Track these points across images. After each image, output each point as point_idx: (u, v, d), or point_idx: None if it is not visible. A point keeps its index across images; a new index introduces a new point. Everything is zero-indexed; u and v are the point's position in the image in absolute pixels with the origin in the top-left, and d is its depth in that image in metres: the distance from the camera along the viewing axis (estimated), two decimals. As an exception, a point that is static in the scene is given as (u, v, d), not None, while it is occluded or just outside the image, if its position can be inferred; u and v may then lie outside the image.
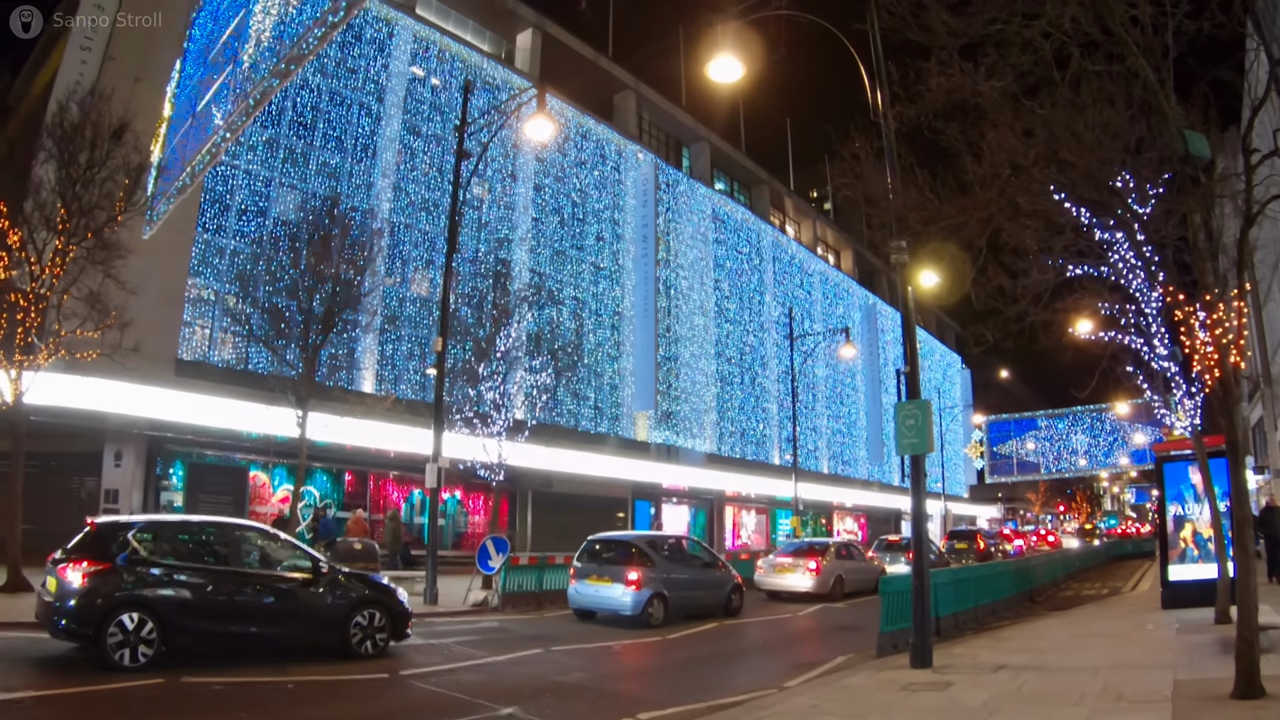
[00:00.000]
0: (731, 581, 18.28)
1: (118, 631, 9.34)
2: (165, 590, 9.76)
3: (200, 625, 9.93)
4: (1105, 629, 14.58)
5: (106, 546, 9.76)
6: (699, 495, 41.59)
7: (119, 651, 9.33)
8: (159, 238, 22.20)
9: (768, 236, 49.09)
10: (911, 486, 12.48)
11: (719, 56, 12.69)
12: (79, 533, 10.15)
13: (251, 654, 10.33)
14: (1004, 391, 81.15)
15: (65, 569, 9.54)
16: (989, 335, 13.40)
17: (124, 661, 9.33)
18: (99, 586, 9.45)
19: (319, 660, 10.65)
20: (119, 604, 9.43)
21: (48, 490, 21.72)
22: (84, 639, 9.46)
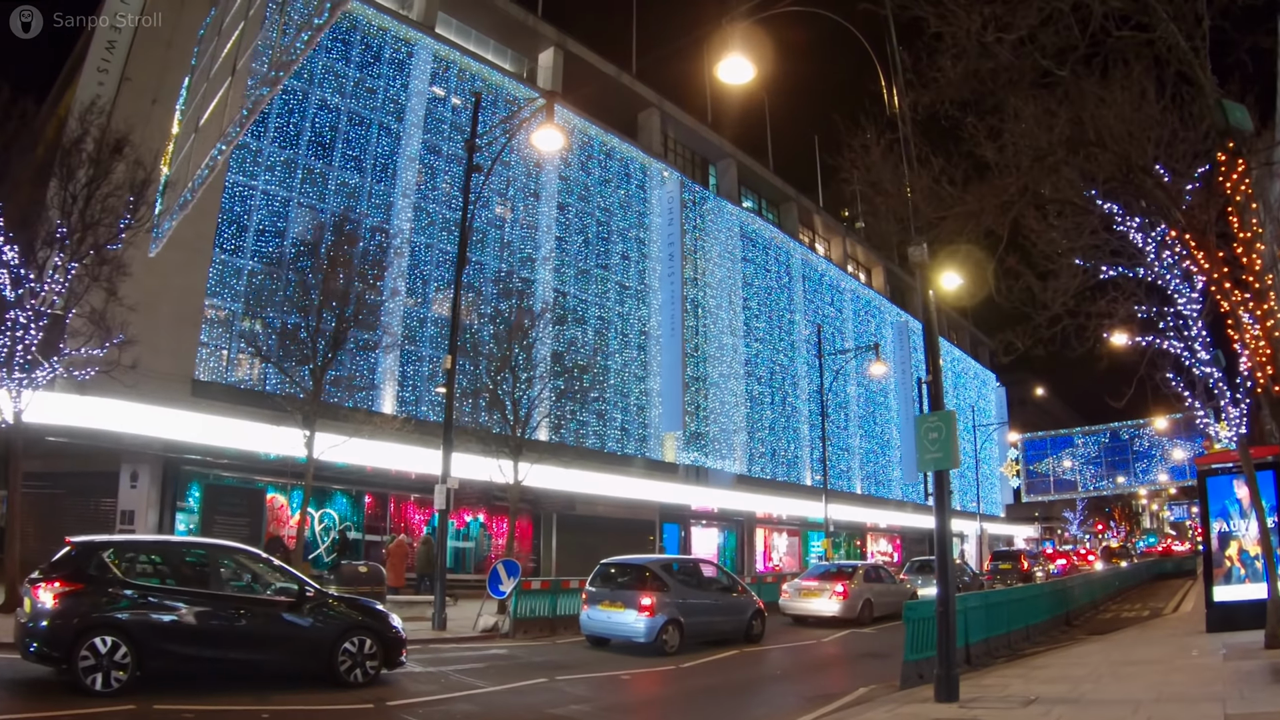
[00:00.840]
0: (752, 606, 17.52)
1: (90, 655, 8.92)
2: (140, 613, 9.32)
3: (177, 649, 9.46)
4: (1146, 655, 13.66)
5: (81, 566, 9.36)
6: (729, 517, 40.76)
7: (91, 676, 8.90)
8: (174, 258, 22.04)
9: (797, 254, 48.40)
10: (935, 505, 11.70)
11: (729, 57, 12.17)
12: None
13: (232, 680, 9.83)
14: (1039, 409, 79.39)
15: (38, 589, 9.13)
16: (1018, 343, 12.72)
17: (96, 686, 8.90)
18: (71, 608, 9.05)
19: (304, 688, 10.12)
20: (91, 626, 9.01)
21: (64, 511, 21.59)
22: (54, 662, 9.03)
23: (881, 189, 10.63)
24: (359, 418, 19.28)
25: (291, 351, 18.76)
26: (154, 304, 21.21)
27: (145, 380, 20.98)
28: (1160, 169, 8.94)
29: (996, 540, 67.35)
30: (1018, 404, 76.96)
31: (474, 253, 30.84)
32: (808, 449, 45.31)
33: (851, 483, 49.27)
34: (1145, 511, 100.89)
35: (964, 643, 13.13)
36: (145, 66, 22.12)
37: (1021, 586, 18.88)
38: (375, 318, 27.21)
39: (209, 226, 23.43)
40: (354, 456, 23.99)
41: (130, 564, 9.65)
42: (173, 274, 21.89)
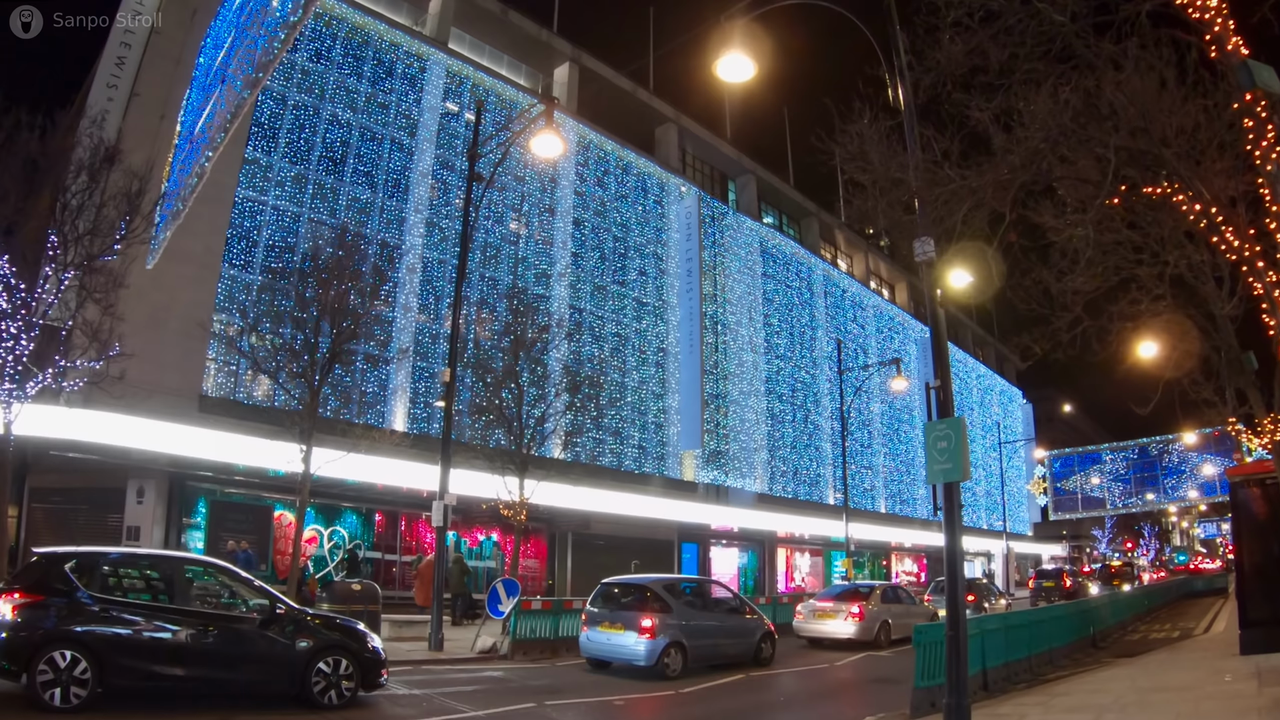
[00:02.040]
0: (761, 628, 16.91)
1: (48, 669, 8.63)
2: (102, 627, 9.00)
3: (141, 666, 9.10)
4: (1175, 681, 12.90)
5: (42, 579, 9.09)
6: (749, 536, 40.02)
7: (49, 690, 8.61)
8: (183, 272, 21.99)
9: (818, 270, 47.79)
10: (945, 520, 11.08)
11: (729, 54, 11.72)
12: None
13: (199, 700, 9.46)
14: (1067, 425, 77.84)
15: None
16: (1036, 347, 12.13)
17: (55, 701, 8.60)
18: (29, 620, 8.79)
19: (275, 709, 9.73)
20: (50, 640, 8.74)
21: (73, 526, 21.41)
22: (12, 676, 8.70)
23: (874, 172, 10.10)
24: (357, 432, 18.93)
25: (285, 366, 18.44)
26: (162, 319, 21.13)
27: (152, 396, 20.85)
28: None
29: (1024, 559, 65.96)
30: (1045, 421, 75.60)
31: (487, 269, 30.62)
32: (830, 467, 44.49)
33: (875, 502, 48.38)
34: (1175, 529, 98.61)
35: (980, 668, 12.49)
36: (154, 82, 22.12)
37: (1045, 608, 18.13)
38: (385, 333, 27.17)
39: (218, 242, 23.33)
40: (364, 474, 23.75)
41: (93, 577, 9.31)
42: (181, 289, 21.79)
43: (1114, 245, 10.92)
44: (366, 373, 26.69)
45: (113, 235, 14.67)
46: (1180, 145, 8.22)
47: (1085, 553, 75.72)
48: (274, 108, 25.24)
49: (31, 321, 13.92)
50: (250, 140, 24.38)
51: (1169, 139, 8.11)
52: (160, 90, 21.95)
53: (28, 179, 13.60)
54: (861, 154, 10.12)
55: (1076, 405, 75.56)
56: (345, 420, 20.45)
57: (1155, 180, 8.60)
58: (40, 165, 13.70)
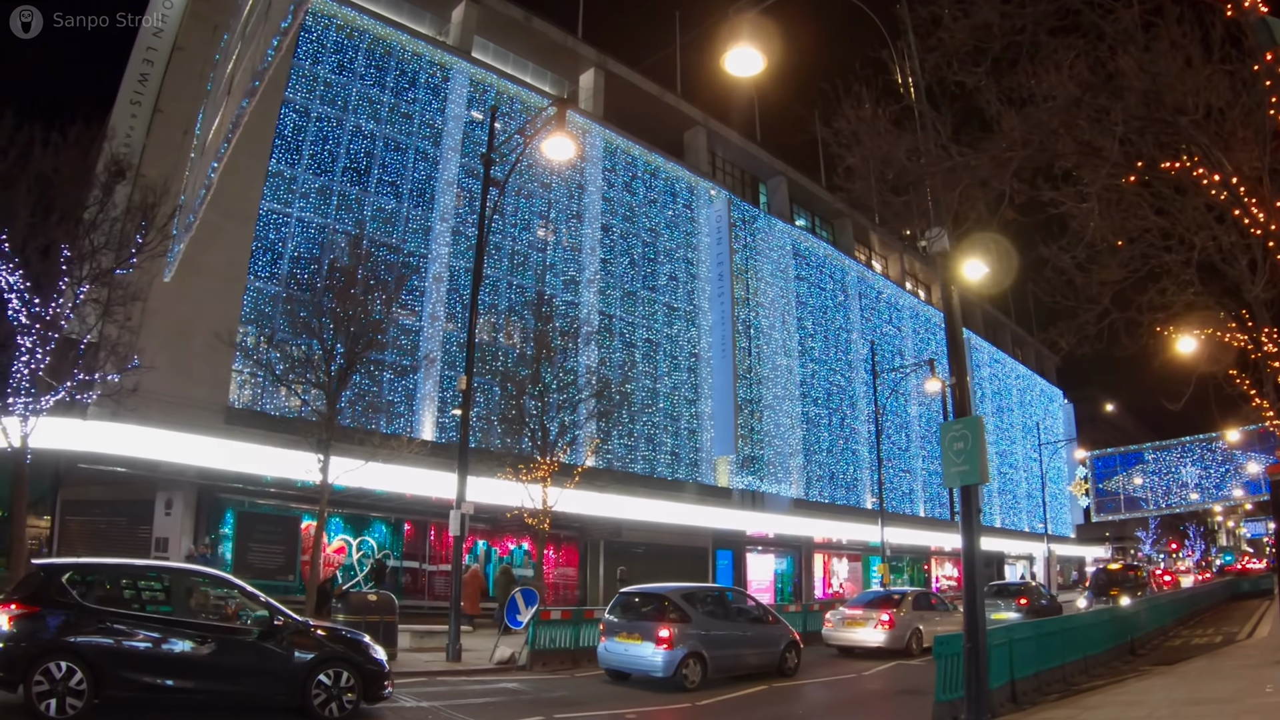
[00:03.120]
0: (786, 638, 16.50)
1: (44, 680, 8.62)
2: (98, 638, 8.96)
3: (137, 677, 9.04)
4: (1215, 692, 12.30)
5: (40, 589, 9.09)
6: (786, 543, 39.50)
7: (45, 701, 8.59)
8: (209, 285, 22.17)
9: (853, 272, 47.19)
10: (962, 524, 10.71)
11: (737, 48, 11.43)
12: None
13: (197, 712, 9.35)
14: (1110, 425, 76.05)
15: None
16: (1062, 342, 11.69)
17: (50, 712, 8.59)
18: (25, 631, 8.80)
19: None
20: (46, 650, 8.72)
21: (104, 538, 21.62)
22: (9, 686, 8.69)
23: (864, 150, 9.76)
24: (375, 441, 18.85)
25: (303, 375, 18.44)
26: (188, 332, 21.28)
27: (179, 408, 21.03)
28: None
29: (1067, 562, 64.53)
30: (1087, 421, 73.98)
31: (515, 276, 30.56)
32: (868, 471, 43.77)
33: (914, 505, 47.55)
34: (1221, 528, 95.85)
35: (1008, 678, 12.00)
36: (177, 98, 22.35)
37: (1079, 614, 17.52)
38: (412, 342, 27.20)
39: (243, 255, 23.50)
40: (392, 484, 23.76)
41: (91, 588, 9.29)
42: (206, 302, 21.95)
43: (1141, 233, 10.47)
44: (394, 382, 26.73)
45: (127, 249, 14.72)
46: (1198, 113, 7.78)
47: (1129, 554, 73.80)
48: (297, 120, 25.40)
49: (47, 335, 13.99)
50: (274, 153, 24.54)
51: (1185, 107, 7.70)
52: (184, 106, 22.14)
53: (41, 194, 13.68)
54: (854, 137, 9.79)
55: (1119, 404, 73.95)
56: (364, 429, 20.39)
57: (1174, 155, 8.19)
58: (52, 181, 13.77)
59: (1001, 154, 8.13)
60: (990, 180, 8.54)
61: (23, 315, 13.71)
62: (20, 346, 13.79)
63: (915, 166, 9.22)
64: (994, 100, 8.35)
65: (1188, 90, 8.25)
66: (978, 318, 61.26)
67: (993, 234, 10.81)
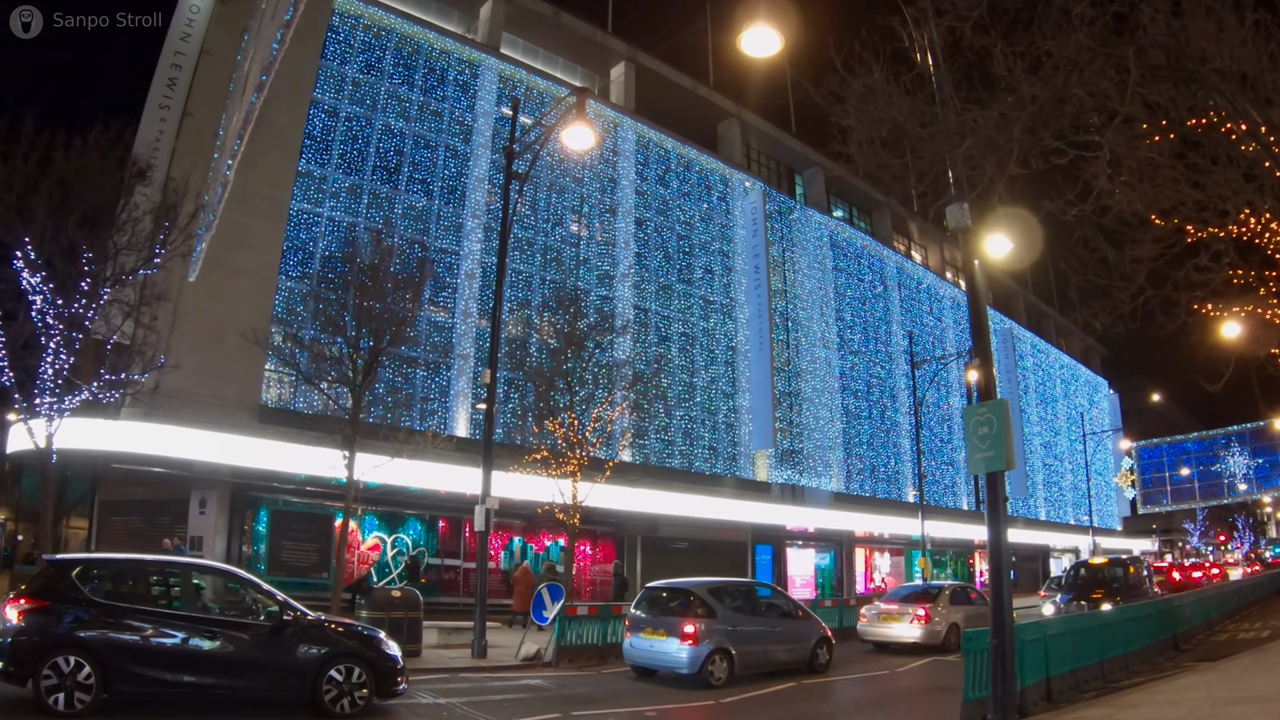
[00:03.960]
0: (816, 633, 16.16)
1: (52, 674, 8.65)
2: (107, 633, 8.98)
3: (146, 672, 9.04)
4: (1259, 690, 11.74)
5: (49, 585, 9.15)
6: (826, 537, 38.99)
7: (53, 695, 8.63)
8: (240, 285, 22.37)
9: (891, 262, 46.46)
10: (988, 514, 10.36)
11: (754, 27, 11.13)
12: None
13: (206, 708, 9.32)
14: (1156, 415, 74.10)
15: (5, 607, 8.99)
16: (1096, 322, 11.26)
17: (59, 706, 8.62)
18: (34, 626, 8.85)
19: (283, 718, 9.51)
20: (54, 645, 8.75)
21: (141, 538, 21.88)
22: (18, 680, 8.72)
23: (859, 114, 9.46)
24: (400, 437, 18.82)
25: (327, 372, 18.47)
26: (220, 332, 21.46)
27: (212, 408, 21.24)
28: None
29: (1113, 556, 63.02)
30: (1133, 411, 72.25)
31: (547, 271, 30.47)
32: (909, 464, 43.05)
33: (957, 499, 46.69)
34: (1271, 520, 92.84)
35: (1043, 675, 11.56)
36: (205, 102, 22.52)
37: (1119, 609, 16.90)
38: (445, 339, 27.23)
39: (274, 255, 23.65)
40: (426, 480, 23.81)
41: (99, 583, 9.33)
42: (238, 302, 22.11)
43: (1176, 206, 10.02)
44: (428, 379, 26.80)
45: (149, 250, 14.82)
46: (1223, 61, 7.36)
47: (1177, 547, 71.92)
48: (326, 121, 25.53)
49: (72, 336, 14.12)
50: (303, 154, 24.68)
51: (1207, 55, 7.29)
52: (213, 109, 22.32)
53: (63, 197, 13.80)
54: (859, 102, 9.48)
55: (1165, 394, 72.09)
56: (390, 426, 20.40)
57: (1200, 111, 7.79)
58: (74, 184, 13.88)
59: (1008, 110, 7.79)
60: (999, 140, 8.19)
61: (48, 316, 13.85)
62: (45, 347, 13.92)
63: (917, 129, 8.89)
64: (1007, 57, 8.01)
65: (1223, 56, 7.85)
66: (1020, 308, 60.07)
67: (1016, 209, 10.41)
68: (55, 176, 13.66)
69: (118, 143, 14.50)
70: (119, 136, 14.53)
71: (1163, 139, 8.55)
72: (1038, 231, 11.57)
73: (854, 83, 9.46)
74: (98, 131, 14.08)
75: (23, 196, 13.27)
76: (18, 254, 13.37)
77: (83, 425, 17.50)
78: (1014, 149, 8.35)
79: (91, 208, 14.11)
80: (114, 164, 14.52)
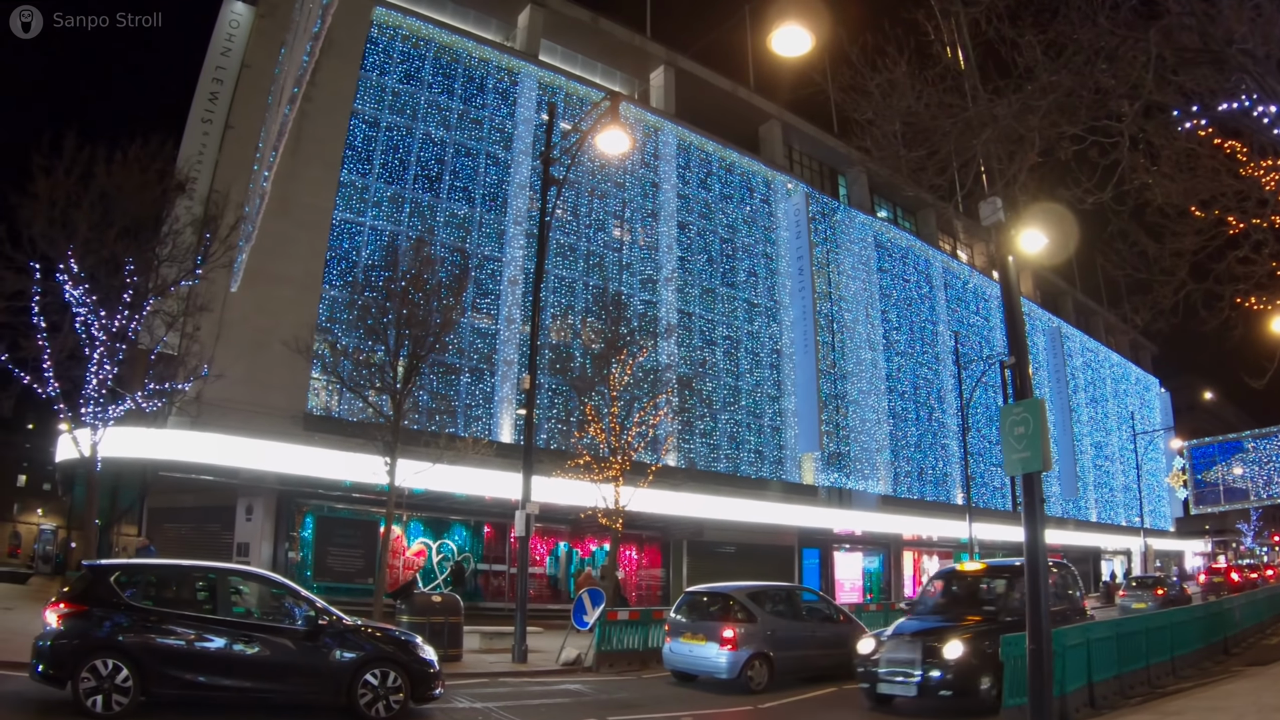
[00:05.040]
0: (859, 638, 15.84)
1: (90, 677, 8.79)
2: (144, 637, 9.11)
3: (182, 675, 9.16)
4: (1314, 696, 11.32)
5: (88, 589, 9.32)
6: (874, 540, 38.52)
7: (91, 698, 8.76)
8: (285, 295, 22.69)
9: (937, 262, 45.80)
10: (1024, 515, 10.07)
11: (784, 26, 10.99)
12: None
13: (242, 711, 9.37)
14: (1208, 413, 71.94)
15: (46, 611, 9.20)
16: (1137, 317, 10.97)
17: (96, 708, 8.76)
18: (73, 629, 9.02)
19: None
20: (92, 648, 8.90)
21: (189, 545, 22.33)
22: (57, 683, 8.89)
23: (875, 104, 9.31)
24: (441, 443, 18.92)
25: (368, 378, 18.63)
26: (265, 342, 21.73)
27: (258, 416, 21.57)
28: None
29: (1166, 557, 61.35)
30: (1185, 409, 70.37)
31: (590, 276, 30.50)
32: (957, 466, 42.35)
33: (1006, 500, 45.73)
34: None
35: (1086, 681, 11.25)
36: (247, 115, 22.93)
37: (1164, 612, 16.38)
38: (489, 345, 27.37)
39: (317, 265, 23.98)
40: (471, 486, 23.96)
41: (138, 587, 9.50)
42: (283, 311, 22.39)
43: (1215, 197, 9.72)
44: (471, 385, 26.94)
45: (190, 261, 15.09)
46: (1254, 41, 7.09)
47: (1230, 548, 69.70)
48: (367, 131, 25.84)
49: (115, 347, 14.41)
50: (345, 164, 25.01)
51: (1234, 34, 7.03)
52: (254, 122, 22.69)
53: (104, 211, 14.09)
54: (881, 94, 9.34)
55: (1217, 391, 69.98)
56: (431, 432, 20.55)
57: (1232, 95, 7.53)
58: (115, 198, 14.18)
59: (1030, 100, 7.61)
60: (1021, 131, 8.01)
61: (93, 328, 14.16)
62: (90, 359, 14.22)
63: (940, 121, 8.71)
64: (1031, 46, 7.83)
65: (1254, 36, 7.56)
66: (1069, 307, 58.90)
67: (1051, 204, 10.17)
68: (97, 191, 13.97)
69: (158, 156, 14.79)
70: (159, 150, 14.82)
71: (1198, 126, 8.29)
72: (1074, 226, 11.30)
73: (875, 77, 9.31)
74: (138, 146, 14.37)
75: (65, 211, 13.58)
76: (61, 267, 13.68)
77: (130, 434, 17.83)
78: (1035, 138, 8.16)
79: (133, 221, 14.39)
80: (154, 177, 14.79)
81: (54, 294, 13.97)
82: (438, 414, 22.88)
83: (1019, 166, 9.52)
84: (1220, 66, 7.56)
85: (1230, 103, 7.76)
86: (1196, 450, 56.95)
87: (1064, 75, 7.59)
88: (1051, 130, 8.82)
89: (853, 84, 9.65)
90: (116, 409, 14.61)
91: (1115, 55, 7.54)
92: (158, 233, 14.98)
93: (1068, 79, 7.60)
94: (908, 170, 10.42)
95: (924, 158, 9.45)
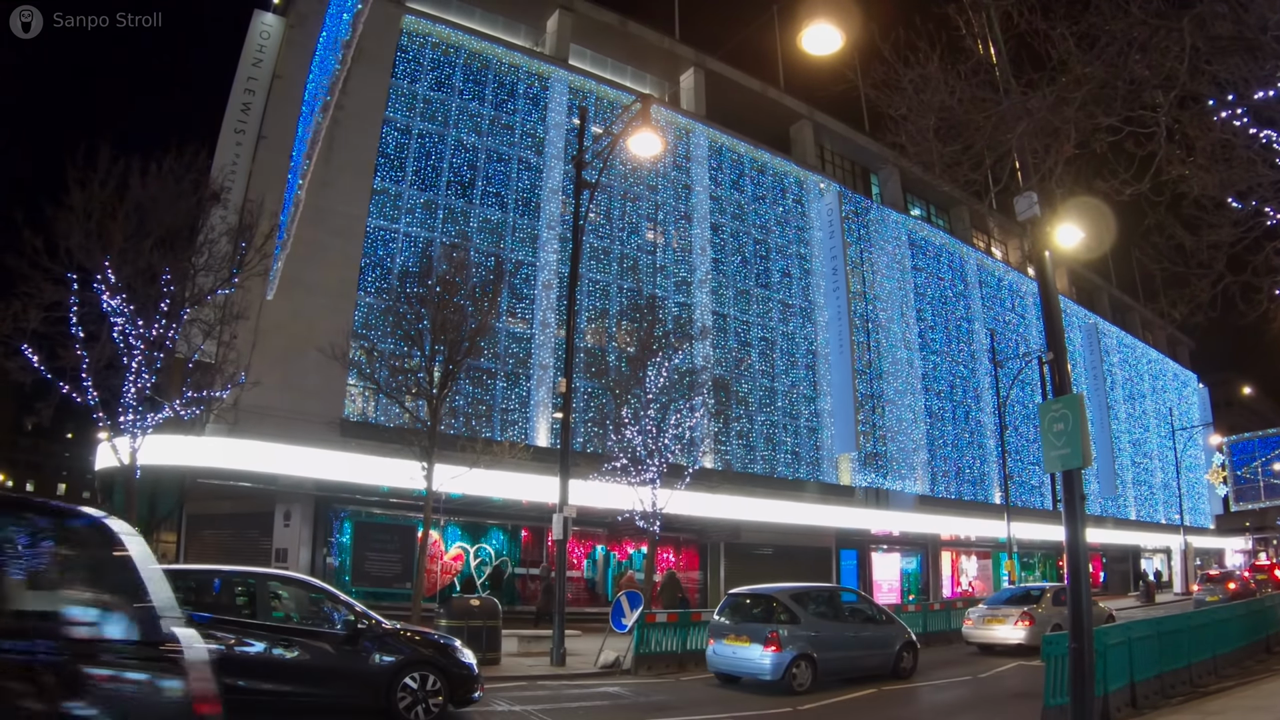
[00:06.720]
0: (901, 638, 15.72)
1: None
2: None
3: (222, 679, 9.10)
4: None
5: None
6: (911, 540, 38.08)
7: None
8: (321, 303, 22.89)
9: (972, 260, 45.28)
10: (1065, 513, 9.88)
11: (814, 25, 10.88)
12: None
13: (282, 714, 9.39)
14: (1247, 409, 70.49)
15: None
16: (1174, 312, 10.72)
17: None
18: None
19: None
20: None
21: (228, 551, 22.50)
22: None
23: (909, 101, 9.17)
24: (478, 448, 18.95)
25: (404, 384, 18.71)
26: (302, 348, 21.92)
27: (295, 422, 21.75)
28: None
29: (1206, 555, 60.09)
30: (1223, 405, 69.00)
31: (624, 279, 30.48)
32: (995, 465, 41.78)
33: (1044, 499, 45.06)
34: None
35: (1127, 681, 11.02)
36: (279, 124, 23.17)
37: (1205, 610, 16.06)
38: (524, 349, 27.42)
39: (352, 272, 24.17)
40: (508, 490, 23.99)
41: (178, 593, 9.43)
42: (318, 319, 22.59)
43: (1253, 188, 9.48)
44: (507, 389, 27.00)
45: (226, 270, 15.24)
46: None
47: (1271, 545, 68.14)
48: (399, 138, 26.01)
49: (153, 356, 14.57)
50: (378, 172, 25.18)
51: (1268, 21, 6.85)
52: (286, 132, 22.94)
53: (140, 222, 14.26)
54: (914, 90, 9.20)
55: (1256, 386, 68.53)
56: (466, 436, 20.59)
57: (1268, 83, 7.33)
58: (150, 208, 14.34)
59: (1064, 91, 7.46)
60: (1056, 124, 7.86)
61: (130, 337, 14.32)
62: (128, 367, 14.39)
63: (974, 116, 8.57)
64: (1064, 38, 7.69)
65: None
66: (1105, 303, 57.97)
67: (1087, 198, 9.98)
68: (133, 202, 14.14)
69: (193, 167, 14.96)
70: (194, 161, 15.00)
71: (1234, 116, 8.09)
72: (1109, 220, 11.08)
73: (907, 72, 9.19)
74: (172, 157, 14.54)
75: (101, 222, 13.75)
76: (98, 278, 13.86)
77: (168, 442, 18.01)
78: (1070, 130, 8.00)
79: (169, 231, 14.55)
80: (189, 188, 14.96)
81: (91, 304, 14.13)
82: (474, 418, 22.91)
83: (1054, 160, 9.38)
84: (1255, 54, 7.39)
85: (1266, 91, 7.57)
86: (1236, 446, 55.83)
87: (1097, 67, 7.45)
88: (1087, 122, 8.66)
89: (885, 79, 9.53)
90: (155, 417, 14.77)
91: (1148, 45, 7.39)
92: (193, 242, 15.15)
93: (1101, 70, 7.46)
94: (941, 166, 10.27)
95: (958, 153, 9.31)
